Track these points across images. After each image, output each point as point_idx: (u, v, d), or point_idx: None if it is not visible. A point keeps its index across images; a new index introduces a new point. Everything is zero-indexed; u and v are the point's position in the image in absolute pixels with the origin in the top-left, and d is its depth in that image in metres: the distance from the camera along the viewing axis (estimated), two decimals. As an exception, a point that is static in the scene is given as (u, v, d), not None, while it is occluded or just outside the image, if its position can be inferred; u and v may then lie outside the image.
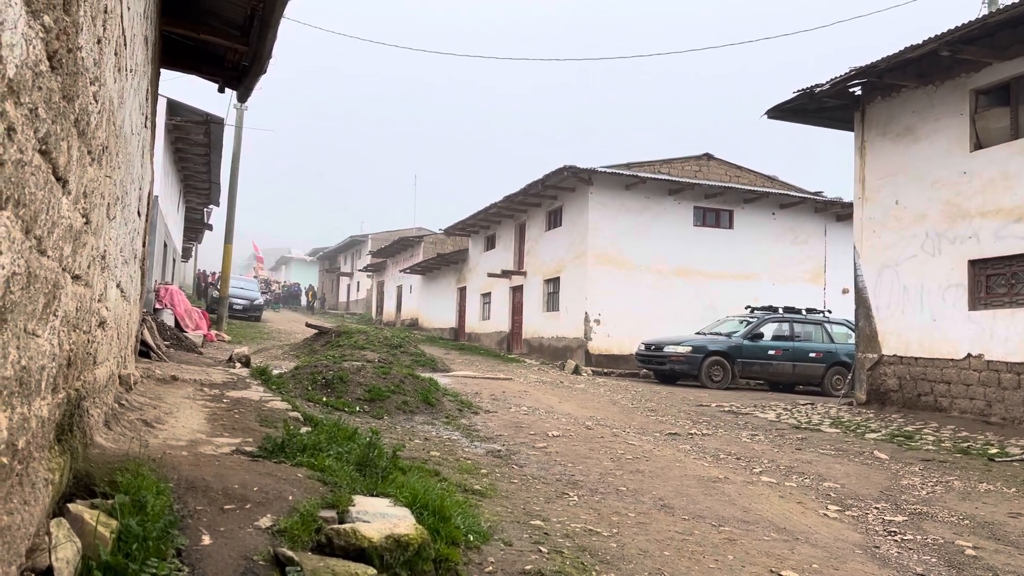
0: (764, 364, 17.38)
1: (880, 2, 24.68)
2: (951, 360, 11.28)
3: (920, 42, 10.85)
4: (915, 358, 11.91)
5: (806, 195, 23.56)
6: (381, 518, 3.24)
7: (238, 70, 7.88)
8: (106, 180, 3.31)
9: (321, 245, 67.63)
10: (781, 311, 18.34)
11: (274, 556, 2.73)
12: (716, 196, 22.37)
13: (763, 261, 22.75)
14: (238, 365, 10.16)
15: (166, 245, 20.84)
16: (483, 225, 29.24)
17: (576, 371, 18.32)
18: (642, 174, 21.60)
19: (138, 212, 5.91)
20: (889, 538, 5.16)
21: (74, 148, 2.34)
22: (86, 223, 2.77)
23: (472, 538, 3.72)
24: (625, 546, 4.23)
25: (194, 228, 34.67)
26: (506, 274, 26.24)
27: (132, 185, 4.99)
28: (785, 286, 22.59)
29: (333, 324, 22.55)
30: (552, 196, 23.18)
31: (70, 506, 2.46)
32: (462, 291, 32.41)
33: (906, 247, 12.26)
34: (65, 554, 2.12)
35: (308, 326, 20.86)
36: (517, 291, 26.15)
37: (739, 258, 22.48)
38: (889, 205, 12.69)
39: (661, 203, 22.01)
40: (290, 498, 3.27)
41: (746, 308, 19.15)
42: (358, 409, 8.33)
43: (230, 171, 22.18)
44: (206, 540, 2.73)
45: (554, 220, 23.84)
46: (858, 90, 13.18)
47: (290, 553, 2.74)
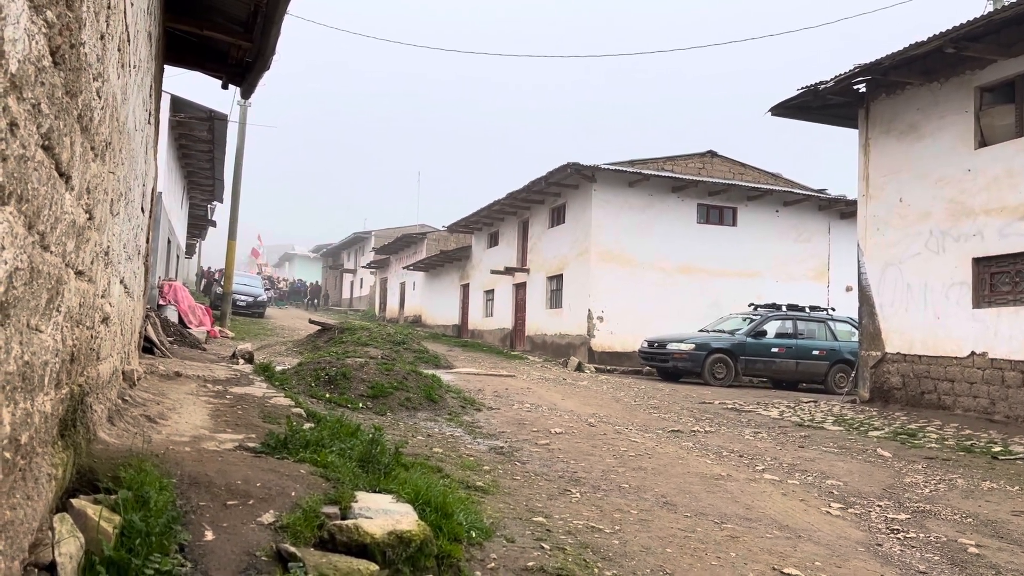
0: (767, 362, 17.36)
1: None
2: (955, 358, 11.26)
3: (925, 39, 10.82)
4: (919, 356, 11.89)
5: (810, 193, 23.50)
6: (384, 514, 3.24)
7: (242, 66, 7.88)
8: (109, 176, 3.32)
9: (324, 242, 67.63)
10: (784, 309, 18.31)
11: (277, 552, 2.73)
12: (720, 193, 22.33)
13: (767, 259, 22.71)
14: (241, 361, 10.17)
15: (170, 241, 20.88)
16: (486, 222, 29.23)
17: (579, 368, 18.31)
18: (646, 171, 21.58)
19: (142, 208, 5.92)
20: (892, 536, 5.16)
21: (77, 144, 2.34)
22: (89, 219, 2.77)
23: (474, 535, 3.73)
24: (627, 543, 4.23)
25: (198, 224, 34.76)
26: (509, 271, 26.24)
27: (136, 181, 4.99)
28: (789, 284, 22.55)
29: (336, 320, 22.56)
30: (555, 193, 23.16)
31: (73, 501, 2.47)
32: (465, 288, 32.42)
33: (910, 245, 12.23)
34: (68, 549, 2.13)
35: (311, 322, 20.88)
36: (520, 288, 26.14)
37: (742, 256, 22.45)
38: (893, 203, 12.66)
39: (665, 200, 21.98)
40: (293, 494, 3.27)
41: (749, 306, 19.11)
42: (361, 405, 8.35)
43: (234, 167, 22.23)
44: (209, 536, 2.74)
45: (557, 217, 23.82)
46: (863, 87, 13.15)
47: (292, 549, 2.75)
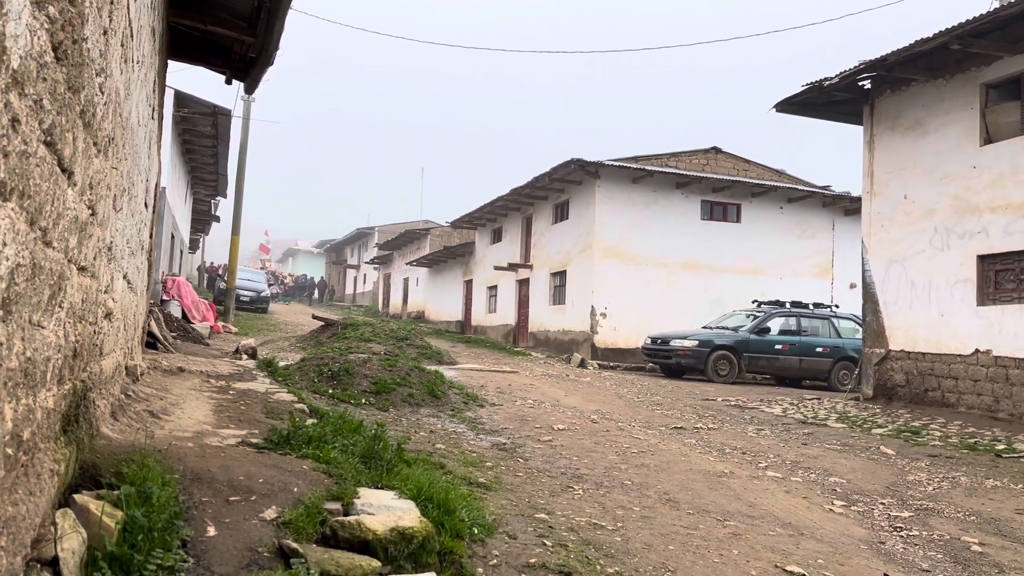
0: (771, 359, 17.33)
1: (890, -5, 24.41)
2: (959, 356, 11.23)
3: (931, 36, 10.77)
4: (922, 353, 11.86)
5: (814, 189, 23.42)
6: (386, 510, 3.25)
7: (245, 62, 7.87)
8: (112, 171, 3.31)
9: (328, 237, 67.61)
10: (788, 306, 18.26)
11: (279, 548, 2.73)
12: (723, 190, 22.27)
13: (770, 255, 22.65)
14: (244, 357, 10.18)
15: (173, 236, 20.90)
16: (490, 218, 29.21)
17: (582, 364, 18.31)
18: (649, 167, 21.50)
19: (145, 203, 5.92)
20: (895, 534, 5.15)
21: (79, 139, 2.34)
22: (92, 214, 2.77)
23: (476, 531, 3.73)
24: (630, 540, 4.23)
25: (201, 220, 34.81)
26: (512, 267, 26.22)
27: (139, 176, 4.99)
28: (792, 281, 22.49)
29: (339, 316, 22.58)
30: (559, 189, 23.13)
31: (76, 497, 2.47)
32: (468, 284, 32.42)
33: (914, 242, 12.19)
34: (71, 544, 2.13)
35: (314, 318, 20.90)
36: (523, 284, 26.13)
37: (746, 252, 22.39)
38: (897, 199, 12.62)
39: (668, 196, 21.93)
40: (295, 490, 3.27)
41: (753, 302, 19.07)
42: (364, 401, 8.35)
43: (237, 163, 22.20)
44: (211, 531, 2.74)
45: (561, 213, 23.79)
46: (867, 84, 13.09)
47: (295, 545, 2.75)
